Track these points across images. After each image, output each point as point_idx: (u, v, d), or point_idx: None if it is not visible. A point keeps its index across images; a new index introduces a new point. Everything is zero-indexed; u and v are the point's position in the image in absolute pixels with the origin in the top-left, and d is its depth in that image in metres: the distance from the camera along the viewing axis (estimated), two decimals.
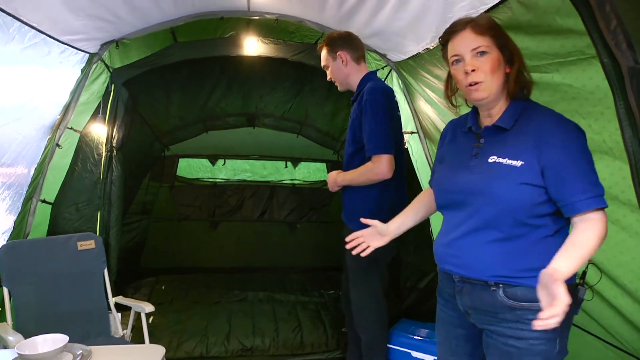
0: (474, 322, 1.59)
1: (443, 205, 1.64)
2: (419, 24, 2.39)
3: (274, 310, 3.82)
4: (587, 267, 1.60)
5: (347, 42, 2.51)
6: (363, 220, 1.90)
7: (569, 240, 1.36)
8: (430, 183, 1.81)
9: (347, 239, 1.90)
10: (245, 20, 3.14)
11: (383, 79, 3.36)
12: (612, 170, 1.58)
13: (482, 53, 1.44)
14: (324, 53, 2.56)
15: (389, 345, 3.00)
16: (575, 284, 1.47)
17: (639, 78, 1.31)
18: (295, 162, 5.28)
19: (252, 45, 3.18)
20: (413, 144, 3.28)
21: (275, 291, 4.25)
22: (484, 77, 1.45)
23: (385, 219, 2.25)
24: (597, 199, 1.35)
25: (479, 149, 1.52)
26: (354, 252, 1.88)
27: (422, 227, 2.58)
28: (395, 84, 3.29)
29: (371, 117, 2.35)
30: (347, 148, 2.55)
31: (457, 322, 1.67)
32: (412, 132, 3.26)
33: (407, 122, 3.28)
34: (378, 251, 2.52)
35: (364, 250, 1.87)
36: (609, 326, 1.84)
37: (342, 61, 2.51)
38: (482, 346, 1.61)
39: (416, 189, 3.22)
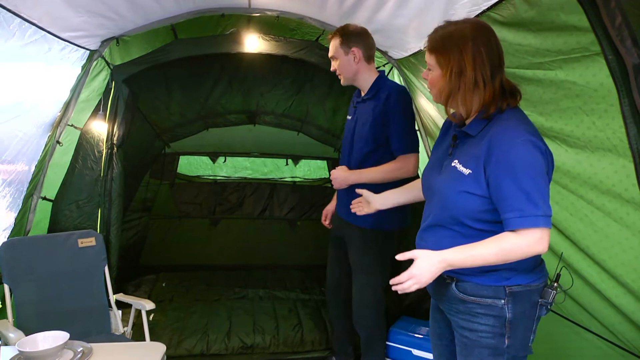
0: (443, 310, 1.72)
1: (424, 197, 1.77)
2: (421, 21, 2.38)
3: (275, 308, 3.82)
4: (559, 270, 1.61)
5: (363, 39, 2.48)
6: (358, 190, 2.12)
7: (477, 242, 1.45)
8: None
9: (354, 202, 2.16)
10: (246, 17, 3.12)
11: None
12: (615, 168, 1.58)
13: (429, 69, 1.57)
14: (335, 44, 2.49)
15: (389, 343, 3.00)
16: (539, 286, 1.55)
17: None
18: (296, 159, 5.27)
19: (253, 43, 3.17)
20: None
21: (276, 289, 4.25)
22: (430, 87, 1.59)
23: (399, 215, 2.51)
24: (528, 219, 1.37)
25: (453, 150, 1.61)
26: (353, 209, 2.16)
27: None
28: (396, 81, 3.28)
29: (403, 118, 2.42)
30: (362, 147, 2.50)
31: (438, 307, 1.79)
32: None
33: None
34: (384, 249, 2.55)
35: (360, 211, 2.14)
36: (610, 325, 1.84)
37: (354, 57, 2.47)
38: None
39: None
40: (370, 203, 2.04)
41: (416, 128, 3.18)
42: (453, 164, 1.54)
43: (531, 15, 1.69)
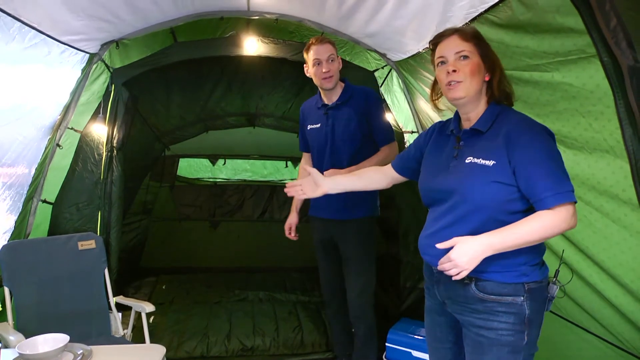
0: (451, 312, 1.70)
1: (427, 204, 1.77)
2: (419, 23, 2.39)
3: (275, 310, 3.82)
4: (559, 266, 1.63)
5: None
6: (307, 168, 2.01)
7: (515, 223, 1.47)
8: (395, 167, 1.97)
9: (288, 184, 2.01)
10: (245, 20, 3.13)
11: (383, 79, 3.38)
12: (612, 169, 1.58)
13: (465, 57, 1.57)
14: (333, 49, 2.61)
15: (388, 345, 3.00)
16: (547, 282, 1.58)
17: (639, 77, 1.30)
18: (296, 161, 5.27)
19: (252, 45, 3.18)
20: None
21: (276, 291, 4.25)
22: (463, 77, 1.57)
23: (377, 202, 2.75)
24: (563, 195, 1.43)
25: (459, 151, 1.64)
26: (290, 193, 2.02)
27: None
28: (395, 83, 3.29)
29: (383, 114, 2.71)
30: (351, 145, 2.64)
31: (440, 310, 1.77)
32: (412, 132, 3.26)
33: (408, 122, 3.28)
34: (372, 237, 2.77)
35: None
36: (610, 325, 1.84)
37: (340, 65, 2.67)
38: None
39: (415, 187, 3.22)
40: (319, 186, 1.94)
41: (414, 129, 3.22)
42: (468, 161, 1.57)
43: (528, 18, 1.70)
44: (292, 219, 2.98)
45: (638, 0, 1.32)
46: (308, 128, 2.81)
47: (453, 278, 1.49)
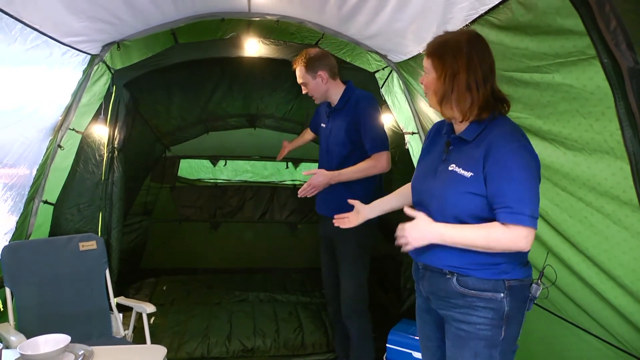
0: (435, 308, 1.76)
1: (415, 203, 1.83)
2: (419, 25, 2.39)
3: (275, 311, 3.83)
4: (544, 267, 1.68)
5: (325, 62, 2.70)
6: (350, 201, 2.10)
7: (469, 225, 1.56)
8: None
9: (336, 217, 2.10)
10: (245, 22, 3.14)
11: (384, 80, 3.38)
12: (613, 170, 1.58)
13: (426, 73, 1.66)
14: (301, 72, 2.69)
15: (389, 346, 3.01)
16: (529, 282, 1.63)
17: (639, 78, 1.31)
18: (296, 163, 5.28)
19: (253, 47, 3.18)
20: (414, 145, 3.28)
21: (276, 292, 4.26)
22: (426, 92, 1.68)
23: None
24: (516, 216, 1.47)
25: (447, 156, 1.68)
26: (337, 224, 2.09)
27: None
28: (396, 84, 3.29)
29: (372, 120, 2.66)
30: (340, 151, 2.71)
31: (426, 308, 1.85)
32: (413, 133, 3.26)
33: (408, 123, 3.29)
34: (366, 240, 2.75)
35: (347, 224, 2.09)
36: (610, 326, 1.84)
37: (322, 80, 2.69)
38: None
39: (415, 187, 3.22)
40: (359, 212, 2.07)
41: (415, 130, 3.22)
42: (450, 168, 1.62)
43: (528, 19, 1.70)
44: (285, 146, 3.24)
45: (638, 1, 1.32)
46: (322, 126, 2.91)
47: (403, 249, 1.59)
